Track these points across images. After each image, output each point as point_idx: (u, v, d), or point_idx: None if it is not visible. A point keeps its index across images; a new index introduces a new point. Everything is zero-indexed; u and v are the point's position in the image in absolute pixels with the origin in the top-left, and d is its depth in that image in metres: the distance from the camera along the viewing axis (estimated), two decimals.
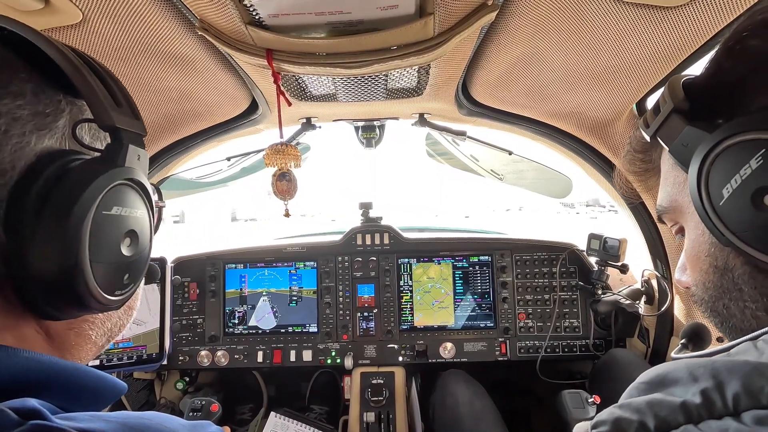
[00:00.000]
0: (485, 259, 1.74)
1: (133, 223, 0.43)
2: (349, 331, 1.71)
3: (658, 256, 1.42)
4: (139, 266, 0.45)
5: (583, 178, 1.61)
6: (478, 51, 0.98)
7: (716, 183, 0.44)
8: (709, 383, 0.37)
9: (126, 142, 0.42)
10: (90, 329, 0.45)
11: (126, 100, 0.44)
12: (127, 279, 0.43)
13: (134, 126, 0.44)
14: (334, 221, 10.57)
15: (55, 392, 0.36)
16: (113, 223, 0.41)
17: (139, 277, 0.46)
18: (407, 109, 1.43)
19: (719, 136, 0.43)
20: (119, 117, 0.42)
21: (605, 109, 1.20)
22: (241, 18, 0.77)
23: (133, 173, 0.43)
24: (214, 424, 0.45)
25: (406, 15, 0.78)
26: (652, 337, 1.49)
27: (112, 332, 0.49)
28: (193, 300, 1.72)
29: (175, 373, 1.82)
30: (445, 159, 2.01)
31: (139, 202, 0.45)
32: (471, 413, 1.32)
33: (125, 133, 0.42)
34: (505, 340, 1.68)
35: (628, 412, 0.40)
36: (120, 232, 0.42)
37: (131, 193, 0.43)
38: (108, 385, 0.41)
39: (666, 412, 0.38)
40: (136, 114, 0.45)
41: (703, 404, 0.36)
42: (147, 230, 0.46)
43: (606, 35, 0.85)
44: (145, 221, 0.46)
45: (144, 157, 0.46)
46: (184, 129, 1.39)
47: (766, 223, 0.40)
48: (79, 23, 0.78)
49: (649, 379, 0.43)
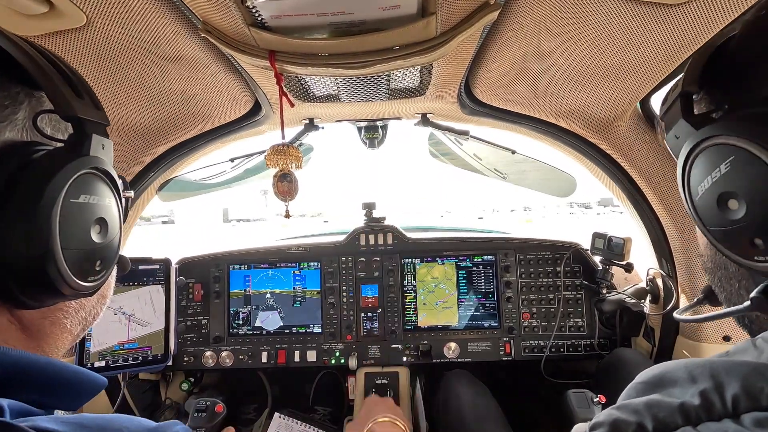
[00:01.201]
0: (489, 258, 1.74)
1: (101, 211, 0.44)
2: (353, 332, 1.71)
3: (663, 254, 1.41)
4: (110, 253, 0.46)
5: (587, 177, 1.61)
6: (480, 50, 0.98)
7: (695, 180, 0.47)
8: (708, 384, 0.36)
9: (89, 132, 0.43)
10: (64, 318, 0.46)
11: (86, 92, 0.45)
12: (99, 265, 0.45)
13: (96, 116, 0.45)
14: (326, 222, 10.52)
15: (28, 387, 0.36)
16: (82, 210, 0.41)
17: (110, 264, 0.47)
18: (410, 109, 1.43)
19: (701, 135, 0.44)
20: (81, 107, 0.42)
21: (609, 107, 1.20)
22: (244, 19, 0.77)
23: (98, 162, 0.44)
24: (180, 422, 0.45)
25: (408, 15, 0.78)
26: (657, 336, 1.48)
27: (86, 321, 0.50)
28: (197, 301, 1.73)
29: (180, 374, 1.82)
30: (448, 159, 2.00)
31: (107, 190, 0.46)
32: (475, 413, 1.32)
33: (88, 123, 0.43)
34: (509, 340, 1.67)
35: (626, 413, 0.40)
36: (89, 220, 0.43)
37: (98, 181, 0.44)
38: (85, 379, 0.41)
39: (664, 413, 0.37)
40: (98, 104, 0.46)
41: (701, 405, 0.36)
42: (116, 218, 0.47)
43: (609, 33, 0.85)
44: (113, 209, 0.47)
45: (108, 146, 0.46)
46: (187, 131, 1.40)
47: (728, 224, 0.43)
48: (83, 26, 0.78)
49: (647, 379, 0.43)
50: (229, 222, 71.61)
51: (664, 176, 1.27)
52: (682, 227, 1.29)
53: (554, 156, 1.64)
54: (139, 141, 1.37)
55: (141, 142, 1.37)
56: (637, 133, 1.27)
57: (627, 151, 1.31)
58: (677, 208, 1.29)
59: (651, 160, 1.28)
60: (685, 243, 1.29)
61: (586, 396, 1.14)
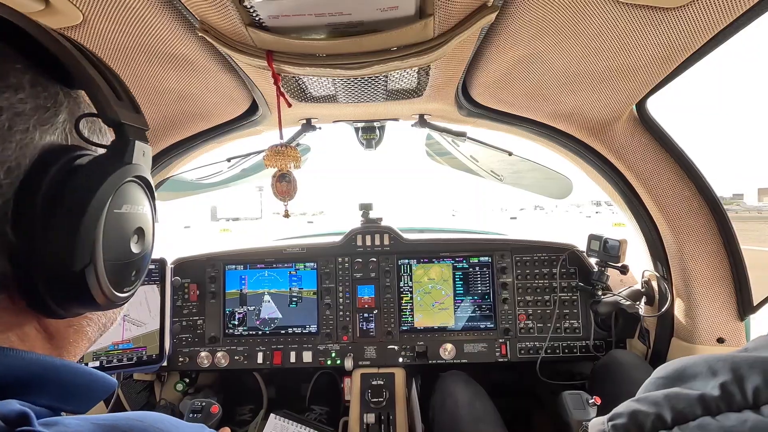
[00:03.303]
0: (485, 260, 1.74)
1: (140, 221, 0.43)
2: (349, 332, 1.70)
3: (658, 257, 1.42)
4: (145, 263, 0.46)
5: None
6: (477, 52, 0.98)
7: None
8: (729, 377, 0.37)
9: (132, 138, 0.41)
10: (88, 325, 0.45)
11: (126, 94, 0.43)
12: (135, 276, 0.44)
13: (137, 121, 0.43)
14: (311, 223, 10.34)
15: (46, 391, 0.35)
16: (124, 221, 0.40)
17: (143, 273, 0.46)
18: (407, 110, 1.43)
19: None
20: (122, 111, 0.40)
21: (605, 110, 1.20)
22: (242, 19, 0.77)
23: (140, 170, 0.42)
24: (207, 427, 0.45)
25: (406, 16, 0.78)
26: (652, 338, 1.49)
27: (105, 327, 0.49)
28: (193, 301, 1.72)
29: (175, 375, 1.82)
30: (444, 159, 2.01)
31: (145, 199, 0.44)
32: (471, 414, 1.32)
33: (130, 128, 0.41)
34: (505, 341, 1.68)
35: (645, 405, 0.41)
36: (129, 230, 0.41)
37: (138, 190, 0.43)
38: (98, 381, 0.41)
39: (683, 404, 0.38)
40: (137, 108, 0.44)
41: (721, 397, 0.36)
42: (151, 227, 0.46)
43: (606, 36, 0.85)
44: (150, 218, 0.45)
45: (148, 152, 0.45)
46: (184, 130, 1.40)
47: None
48: (80, 24, 0.78)
49: (667, 374, 0.44)
50: (218, 221, 69.44)
51: (659, 179, 1.28)
52: (678, 230, 1.30)
53: (551, 158, 1.64)
54: None
55: None
56: (633, 135, 1.27)
57: (623, 154, 1.31)
58: (672, 210, 1.29)
59: (647, 162, 1.28)
60: (680, 245, 1.30)
61: (581, 397, 1.14)
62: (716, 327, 1.28)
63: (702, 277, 1.28)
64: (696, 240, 1.28)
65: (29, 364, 0.34)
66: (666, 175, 1.27)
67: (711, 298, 1.28)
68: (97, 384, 0.41)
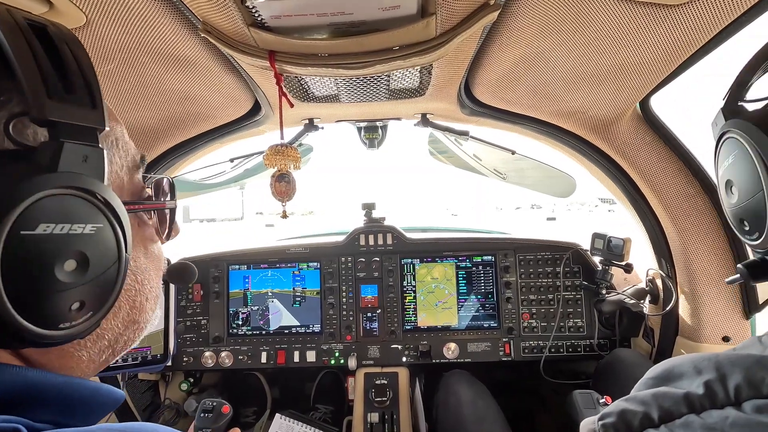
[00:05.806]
0: (489, 259, 1.74)
1: (77, 243, 0.35)
2: (352, 332, 1.71)
3: (662, 255, 1.42)
4: (95, 292, 0.37)
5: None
6: (480, 51, 0.98)
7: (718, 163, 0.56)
8: (712, 375, 0.39)
9: (62, 140, 0.34)
10: (78, 351, 0.40)
11: (85, 88, 0.36)
12: (77, 308, 0.35)
13: (83, 118, 0.35)
14: None
15: (47, 407, 0.35)
16: (41, 244, 0.32)
17: (98, 305, 0.37)
18: (410, 110, 1.43)
19: (725, 128, 0.51)
20: (57, 106, 0.33)
21: (608, 108, 1.20)
22: (244, 20, 0.77)
23: (72, 180, 0.34)
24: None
25: (408, 15, 0.78)
26: (656, 336, 1.48)
27: (114, 348, 0.44)
28: (197, 301, 1.73)
29: (180, 374, 1.82)
30: (447, 158, 2.00)
31: (91, 214, 0.36)
32: (474, 414, 1.32)
33: (63, 126, 0.34)
34: (508, 340, 1.67)
35: (634, 404, 0.43)
36: (54, 255, 0.33)
37: (74, 205, 0.35)
38: (104, 395, 0.40)
39: (669, 403, 0.40)
40: (95, 102, 0.37)
41: (705, 395, 0.38)
42: (107, 248, 0.38)
43: (609, 34, 0.85)
44: (103, 237, 0.37)
45: (96, 156, 0.37)
46: (187, 131, 1.40)
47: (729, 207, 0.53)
48: (83, 26, 0.78)
49: (656, 374, 0.46)
50: (190, 222, 65.72)
51: (663, 177, 1.28)
52: (682, 228, 1.29)
53: (554, 156, 1.64)
54: (138, 141, 1.37)
55: (140, 143, 1.37)
56: (636, 133, 1.27)
57: (626, 152, 1.31)
58: (677, 208, 1.29)
59: (651, 160, 1.28)
60: (684, 243, 1.29)
61: (592, 397, 1.14)
62: (721, 325, 1.27)
63: (707, 275, 1.27)
64: (701, 238, 1.27)
65: (25, 380, 0.34)
66: (670, 173, 1.27)
67: (716, 296, 1.27)
68: (102, 398, 0.40)
